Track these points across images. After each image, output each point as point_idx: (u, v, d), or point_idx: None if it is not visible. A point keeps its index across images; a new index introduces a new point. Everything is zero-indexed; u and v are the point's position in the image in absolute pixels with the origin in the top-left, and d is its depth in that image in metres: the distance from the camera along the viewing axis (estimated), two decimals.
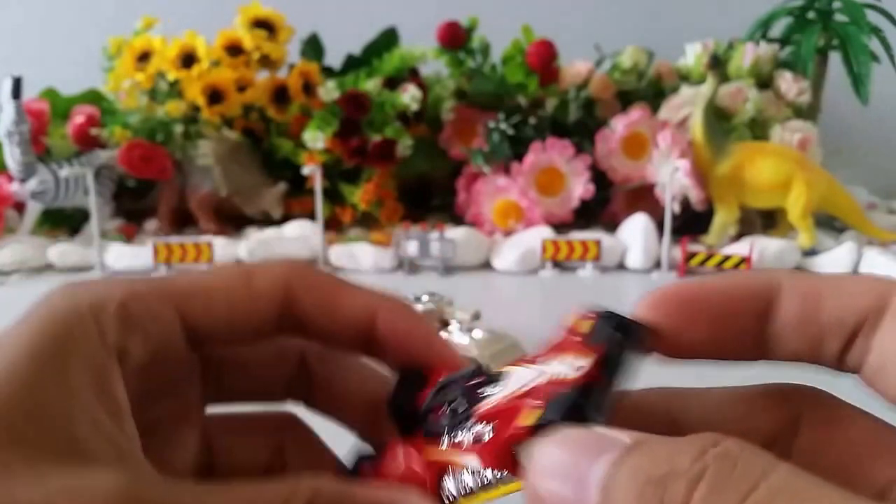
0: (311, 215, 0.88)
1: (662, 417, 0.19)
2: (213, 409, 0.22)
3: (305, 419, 0.22)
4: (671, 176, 0.81)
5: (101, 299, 0.17)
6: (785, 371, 0.18)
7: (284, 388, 0.22)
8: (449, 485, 0.17)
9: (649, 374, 0.18)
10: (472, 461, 0.16)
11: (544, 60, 0.92)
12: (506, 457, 0.15)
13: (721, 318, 0.18)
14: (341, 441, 0.21)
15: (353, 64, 1.02)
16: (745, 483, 0.12)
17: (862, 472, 0.16)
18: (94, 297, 0.17)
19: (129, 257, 0.81)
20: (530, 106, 0.96)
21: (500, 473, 0.16)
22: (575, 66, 0.99)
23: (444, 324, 0.53)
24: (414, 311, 0.21)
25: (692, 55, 0.96)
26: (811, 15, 0.96)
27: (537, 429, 0.15)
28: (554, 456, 0.14)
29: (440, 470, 0.17)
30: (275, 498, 0.15)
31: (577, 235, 0.83)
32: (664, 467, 0.12)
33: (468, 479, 0.16)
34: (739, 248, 0.79)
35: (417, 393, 0.19)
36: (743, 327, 0.17)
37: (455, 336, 0.52)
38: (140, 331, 0.17)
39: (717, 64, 0.83)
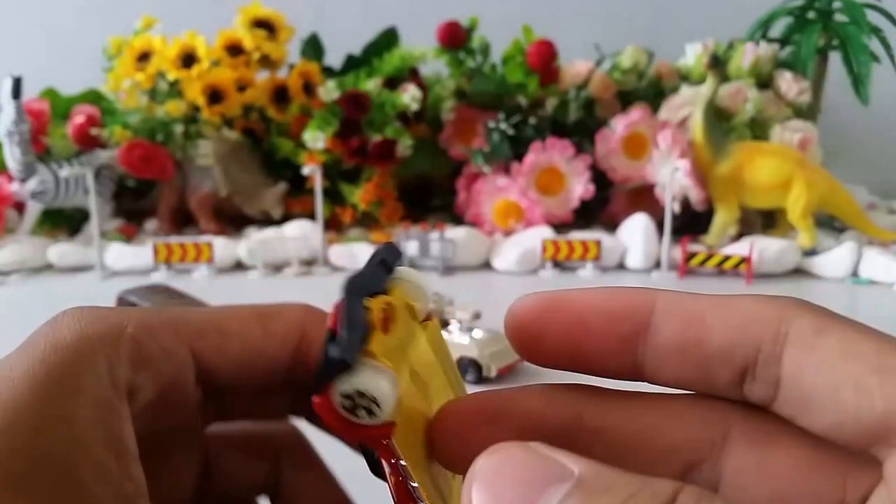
0: (311, 215, 0.88)
1: (582, 423, 0.17)
2: (212, 427, 0.21)
3: (308, 433, 0.22)
4: (671, 176, 0.81)
5: (113, 331, 0.16)
6: None
7: (290, 406, 0.21)
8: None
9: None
10: None
11: (544, 60, 0.92)
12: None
13: (580, 331, 0.17)
14: (341, 459, 0.21)
15: (353, 64, 1.02)
16: None
17: (799, 499, 0.15)
18: (104, 327, 0.16)
19: (129, 257, 0.81)
20: (530, 106, 0.96)
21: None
22: (575, 66, 0.99)
23: (444, 324, 0.53)
24: None
25: (692, 55, 0.96)
26: (811, 15, 0.96)
27: (320, 394, 0.15)
28: (499, 479, 0.13)
29: None
30: None
31: (577, 235, 0.83)
32: None
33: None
34: (739, 248, 0.79)
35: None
36: (607, 344, 0.16)
37: (455, 336, 0.52)
38: (151, 368, 0.17)
39: (717, 64, 0.83)
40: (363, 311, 0.15)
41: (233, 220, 0.94)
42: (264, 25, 0.94)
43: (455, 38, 0.94)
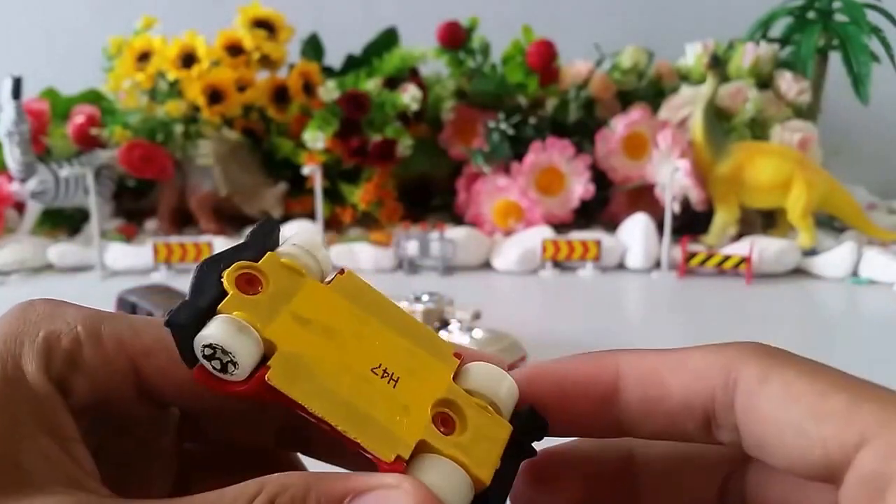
0: (311, 215, 0.88)
1: (620, 452, 0.19)
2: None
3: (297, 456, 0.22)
4: (671, 176, 0.81)
5: (56, 332, 0.17)
6: None
7: (275, 436, 0.21)
8: None
9: None
10: None
11: (544, 60, 0.92)
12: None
13: (561, 399, 0.18)
14: None
15: (353, 64, 1.02)
16: None
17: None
18: (50, 326, 0.17)
19: (129, 257, 0.81)
20: (530, 106, 0.96)
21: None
22: (575, 66, 0.99)
23: (444, 323, 0.53)
24: None
25: (692, 55, 0.96)
26: (811, 15, 0.96)
27: (191, 366, 0.16)
28: None
29: None
30: (238, 496, 0.14)
31: (577, 235, 0.83)
32: None
33: None
34: (739, 248, 0.79)
35: None
36: (586, 408, 0.18)
37: (455, 336, 0.52)
38: (87, 375, 0.17)
39: (718, 64, 0.83)
40: (213, 279, 0.17)
41: (233, 220, 0.94)
42: (264, 25, 0.94)
43: (455, 39, 0.94)
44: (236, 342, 0.16)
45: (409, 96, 0.91)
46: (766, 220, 0.89)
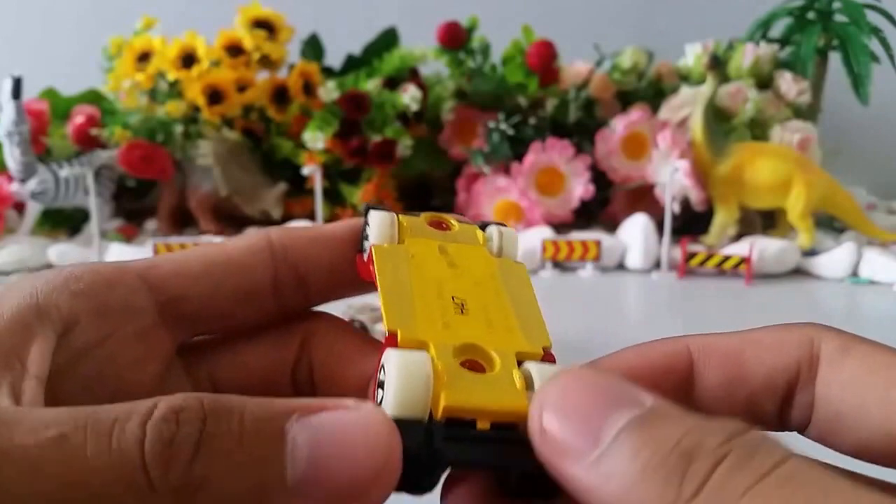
0: (311, 216, 0.88)
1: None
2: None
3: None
4: (671, 176, 0.81)
5: (53, 274, 0.17)
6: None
7: (291, 375, 0.21)
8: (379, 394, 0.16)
9: None
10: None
11: (544, 61, 0.92)
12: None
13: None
14: None
15: (353, 64, 1.02)
16: (761, 469, 0.12)
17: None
18: (47, 274, 0.17)
19: (129, 257, 0.81)
20: (530, 106, 0.96)
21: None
22: (575, 66, 0.99)
23: None
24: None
25: (692, 55, 0.96)
26: (811, 15, 0.96)
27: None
28: (570, 394, 0.13)
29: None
30: (131, 410, 0.13)
31: (577, 236, 0.83)
32: (693, 443, 0.12)
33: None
34: (739, 249, 0.79)
35: None
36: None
37: None
38: (93, 300, 0.17)
39: (717, 64, 0.83)
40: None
41: (233, 221, 0.94)
42: (264, 25, 0.94)
43: (455, 39, 0.94)
44: (375, 223, 0.20)
45: (409, 96, 0.91)
46: (766, 221, 0.89)
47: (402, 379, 0.15)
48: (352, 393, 0.19)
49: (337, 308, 0.22)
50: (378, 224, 0.20)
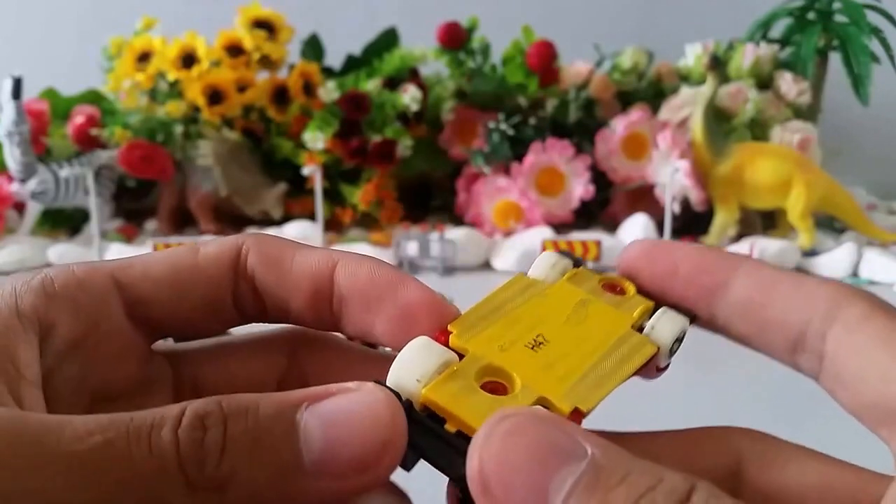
0: (311, 216, 0.88)
1: None
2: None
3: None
4: (671, 176, 0.81)
5: (28, 278, 0.17)
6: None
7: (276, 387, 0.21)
8: None
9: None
10: None
11: (544, 61, 0.92)
12: None
13: (671, 276, 0.19)
14: None
15: (353, 64, 1.02)
16: None
17: None
18: (23, 277, 0.17)
19: None
20: (530, 106, 0.96)
21: None
22: (575, 66, 0.99)
23: None
24: (377, 259, 0.20)
25: (692, 56, 0.96)
26: (811, 15, 0.96)
27: None
28: (511, 450, 0.13)
29: None
30: (164, 416, 0.14)
31: (578, 236, 0.83)
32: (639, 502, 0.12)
33: None
34: (739, 249, 0.79)
35: None
36: (690, 292, 0.19)
37: None
38: (67, 301, 0.17)
39: (718, 64, 0.83)
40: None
41: (233, 221, 0.94)
42: (264, 26, 0.94)
43: (455, 39, 0.94)
44: (541, 260, 0.21)
45: (409, 97, 0.91)
46: (766, 221, 0.89)
47: (408, 358, 0.17)
48: None
49: None
50: (541, 261, 0.21)
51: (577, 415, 0.17)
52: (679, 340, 0.19)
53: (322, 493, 0.14)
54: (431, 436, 0.16)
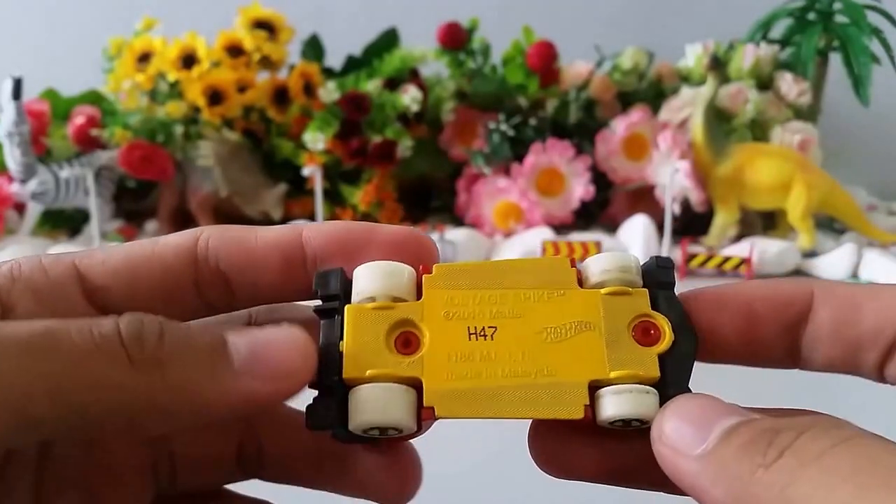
0: (311, 216, 0.88)
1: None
2: None
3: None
4: (671, 177, 0.81)
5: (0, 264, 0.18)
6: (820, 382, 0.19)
7: (233, 463, 0.21)
8: None
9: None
10: None
11: (545, 61, 0.92)
12: None
13: (750, 320, 0.18)
14: None
15: (353, 65, 1.02)
16: (838, 438, 0.13)
17: None
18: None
19: None
20: (531, 107, 0.96)
21: None
22: (575, 67, 0.99)
23: None
24: (343, 220, 0.21)
25: (692, 56, 0.96)
26: (812, 16, 0.96)
27: None
28: (687, 406, 0.16)
29: None
30: (100, 319, 0.15)
31: (578, 236, 0.83)
32: (781, 425, 0.14)
33: None
34: (739, 250, 0.79)
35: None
36: (773, 330, 0.18)
37: None
38: (29, 284, 0.18)
39: (718, 65, 0.83)
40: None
41: (233, 221, 0.93)
42: (265, 26, 0.94)
43: (455, 39, 0.94)
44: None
45: (410, 97, 0.91)
46: (767, 222, 0.89)
47: (362, 275, 0.18)
48: (305, 464, 0.21)
49: None
50: (610, 257, 0.18)
51: (429, 412, 0.17)
52: (627, 423, 0.17)
53: (247, 393, 0.15)
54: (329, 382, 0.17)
